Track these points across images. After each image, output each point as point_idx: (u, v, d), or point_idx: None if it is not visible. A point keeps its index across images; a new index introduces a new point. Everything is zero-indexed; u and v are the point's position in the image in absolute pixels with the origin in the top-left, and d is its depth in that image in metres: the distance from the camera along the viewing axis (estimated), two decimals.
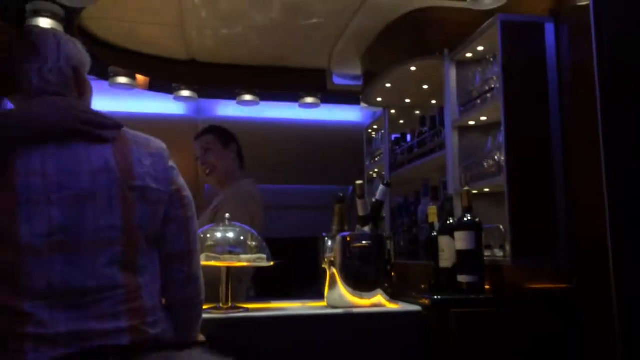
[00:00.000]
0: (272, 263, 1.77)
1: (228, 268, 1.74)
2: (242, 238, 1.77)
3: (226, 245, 1.73)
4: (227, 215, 1.80)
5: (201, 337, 1.38)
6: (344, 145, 3.70)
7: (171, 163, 1.23)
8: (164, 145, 1.25)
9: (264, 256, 1.76)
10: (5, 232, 0.97)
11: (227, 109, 3.77)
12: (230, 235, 1.76)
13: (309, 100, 3.39)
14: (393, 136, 3.11)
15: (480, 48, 2.28)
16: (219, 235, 1.74)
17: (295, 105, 3.49)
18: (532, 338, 1.77)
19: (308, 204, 3.77)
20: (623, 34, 1.97)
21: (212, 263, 1.67)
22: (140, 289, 1.10)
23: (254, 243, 1.77)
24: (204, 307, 1.33)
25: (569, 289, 1.82)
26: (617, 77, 1.85)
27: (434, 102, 2.96)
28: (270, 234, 3.65)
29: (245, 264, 1.73)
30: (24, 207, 0.98)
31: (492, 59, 2.22)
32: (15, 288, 0.96)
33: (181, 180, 1.25)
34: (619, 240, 1.64)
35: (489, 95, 2.15)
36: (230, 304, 1.71)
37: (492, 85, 2.13)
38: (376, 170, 3.38)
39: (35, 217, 0.98)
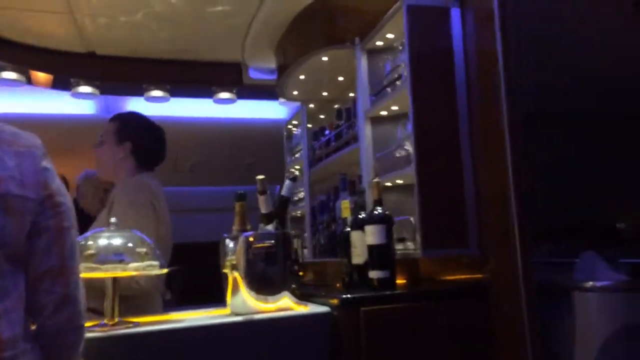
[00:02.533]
0: (165, 270, 1.61)
1: (114, 279, 1.56)
2: (130, 244, 1.59)
3: (110, 253, 1.55)
4: (113, 219, 1.62)
5: None
6: (263, 143, 3.56)
7: (45, 163, 1.04)
8: (37, 142, 1.06)
9: (156, 263, 1.59)
10: None
11: (138, 106, 3.52)
12: (116, 241, 1.58)
13: (224, 95, 3.23)
14: (313, 131, 3.01)
15: (390, 36, 2.21)
16: (102, 242, 1.56)
17: (210, 101, 3.31)
18: (446, 331, 1.70)
19: (231, 205, 3.61)
20: (526, 20, 1.96)
21: (92, 275, 1.48)
22: None
23: (144, 249, 1.60)
24: (87, 324, 1.15)
25: (483, 279, 1.78)
26: (521, 64, 1.83)
27: (351, 94, 2.88)
28: (191, 239, 3.48)
29: (133, 272, 1.55)
30: None
31: (401, 47, 2.16)
32: None
33: (57, 184, 1.06)
34: (525, 228, 1.61)
35: (398, 83, 2.09)
36: (116, 320, 1.53)
37: (401, 73, 2.06)
38: (297, 166, 3.26)
39: None
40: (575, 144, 4.44)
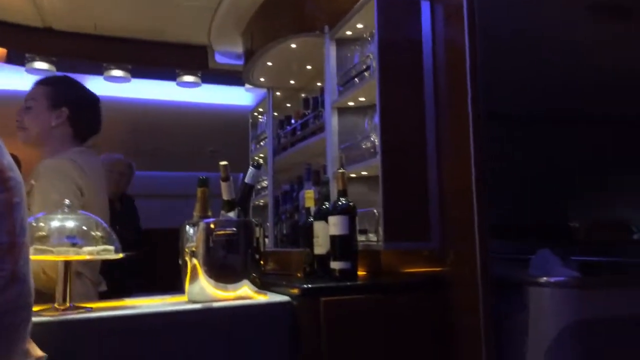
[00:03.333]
0: (120, 255, 1.55)
1: (66, 262, 1.49)
2: (84, 227, 1.53)
3: (64, 235, 1.48)
4: (67, 201, 1.55)
5: (37, 351, 1.14)
6: (228, 129, 3.50)
7: None
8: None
9: (111, 248, 1.53)
10: None
11: (97, 86, 3.39)
12: (70, 224, 1.51)
13: (189, 78, 3.15)
14: (279, 119, 2.97)
15: (360, 25, 2.20)
16: (54, 224, 1.49)
17: (174, 84, 3.22)
18: (405, 322, 1.72)
19: (192, 192, 3.53)
20: (494, 16, 1.98)
21: (44, 257, 1.42)
22: None
23: (99, 233, 1.54)
24: (35, 309, 1.10)
25: (443, 272, 1.80)
26: (487, 60, 1.85)
27: (318, 84, 2.86)
28: (150, 225, 3.38)
29: (87, 257, 1.49)
30: None
31: (370, 38, 2.15)
32: None
33: (7, 160, 1.00)
34: (484, 223, 1.63)
35: (366, 74, 2.08)
36: (68, 304, 1.47)
37: (369, 64, 2.05)
38: (261, 155, 3.22)
39: None
40: (533, 143, 4.57)
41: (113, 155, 3.08)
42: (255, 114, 3.36)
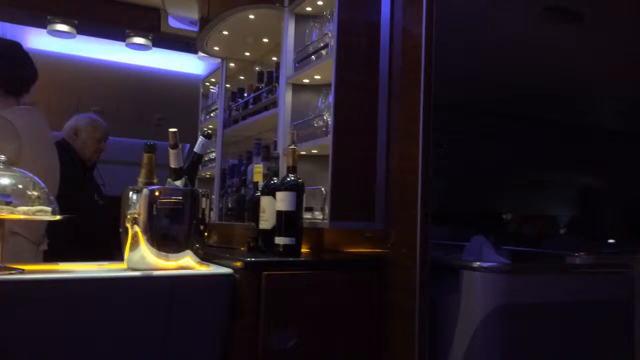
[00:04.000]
0: (58, 217, 1.49)
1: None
2: (20, 186, 1.46)
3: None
4: (2, 157, 1.47)
5: None
6: (177, 97, 3.40)
7: None
8: None
9: (48, 209, 1.47)
10: None
11: (40, 41, 3.20)
12: (4, 181, 1.44)
13: (139, 40, 3.02)
14: (231, 91, 2.91)
15: (320, 2, 2.18)
16: None
17: (123, 44, 3.08)
18: (344, 300, 1.76)
19: (134, 159, 3.41)
20: (452, 7, 2.02)
21: None
22: None
23: (35, 193, 1.47)
24: None
25: (383, 253, 1.85)
26: (442, 50, 1.89)
27: (274, 58, 2.82)
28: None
29: (21, 216, 1.43)
30: None
31: (329, 16, 2.14)
32: None
33: None
34: (427, 207, 1.69)
35: (323, 52, 2.07)
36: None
37: (327, 42, 2.05)
38: (210, 126, 3.16)
39: None
40: (474, 136, 4.74)
41: (91, 116, 2.87)
42: (207, 83, 3.28)
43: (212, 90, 3.22)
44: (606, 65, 3.82)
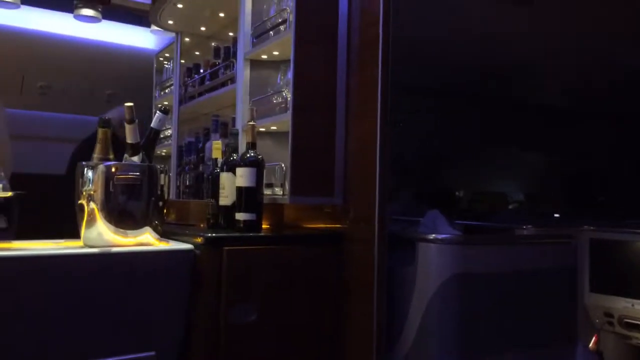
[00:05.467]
0: (9, 194, 1.44)
1: None
2: None
3: None
4: None
5: None
6: (130, 73, 3.29)
7: None
8: None
9: (3, 185, 1.42)
10: None
11: None
12: None
13: (88, 12, 2.89)
14: (186, 67, 2.85)
15: None
16: None
17: (71, 16, 2.94)
18: (303, 274, 1.79)
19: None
20: None
21: None
22: None
23: None
24: None
25: (342, 228, 1.89)
26: (400, 32, 1.92)
27: (231, 34, 2.78)
28: (39, 169, 3.12)
29: None
30: None
31: None
32: None
33: None
34: (384, 181, 1.73)
35: (281, 28, 2.06)
36: None
37: (286, 17, 2.03)
38: (165, 102, 3.09)
39: None
40: (429, 116, 4.85)
41: None
42: (161, 59, 3.20)
43: (167, 66, 3.14)
44: (550, 47, 3.97)
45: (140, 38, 3.45)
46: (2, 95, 2.05)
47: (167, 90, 3.05)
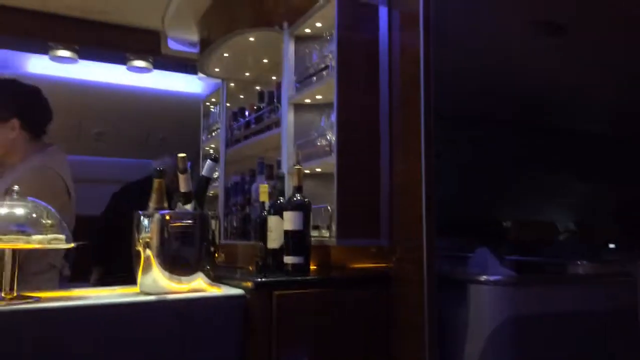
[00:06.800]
0: (72, 245, 1.52)
1: (14, 251, 1.44)
2: (34, 215, 1.49)
3: (12, 223, 1.44)
4: (16, 187, 1.50)
5: None
6: (179, 118, 3.43)
7: None
8: None
9: (62, 236, 1.50)
10: None
11: (40, 66, 3.24)
12: (19, 211, 1.47)
13: (139, 63, 3.06)
14: (232, 111, 2.96)
15: (319, 24, 2.23)
16: (2, 211, 1.44)
17: (124, 68, 3.13)
18: (353, 316, 1.79)
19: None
20: (448, 24, 2.07)
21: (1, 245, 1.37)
22: None
23: (49, 221, 1.50)
24: None
25: (389, 268, 1.88)
26: (440, 66, 1.94)
27: (274, 77, 2.87)
28: (90, 211, 3.28)
29: (36, 245, 1.45)
30: None
31: (329, 37, 2.19)
32: None
33: None
34: (432, 221, 1.73)
35: (324, 73, 2.12)
36: (15, 294, 1.43)
37: (328, 64, 2.09)
38: (212, 145, 3.20)
39: None
40: (469, 145, 4.79)
41: None
42: (208, 103, 3.32)
43: (213, 110, 3.26)
44: (592, 74, 3.91)
45: (188, 84, 3.61)
46: (61, 142, 2.16)
47: (214, 134, 3.16)
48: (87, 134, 3.21)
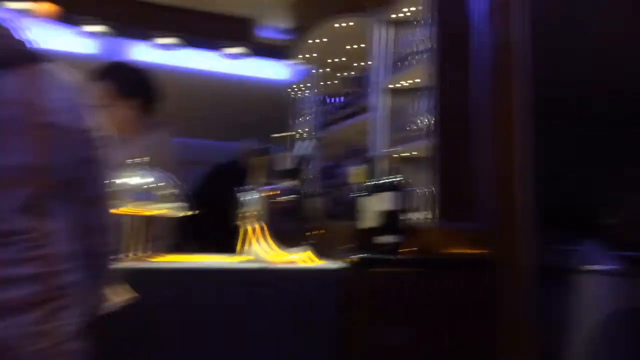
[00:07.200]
0: (196, 212, 1.66)
1: (147, 216, 1.60)
2: (160, 185, 1.64)
3: (142, 192, 1.59)
4: (147, 159, 1.65)
5: (129, 291, 1.26)
6: (268, 103, 3.56)
7: (85, 99, 1.08)
8: (79, 78, 1.08)
9: (185, 205, 1.64)
10: None
11: (143, 52, 3.46)
12: (147, 181, 1.61)
13: (233, 50, 3.20)
14: (321, 96, 3.03)
15: (412, 9, 2.24)
16: (136, 181, 1.59)
17: (217, 55, 3.28)
18: (449, 300, 1.78)
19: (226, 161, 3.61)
20: (546, 8, 2.02)
21: (128, 211, 1.52)
22: (50, 235, 0.97)
23: (172, 191, 1.64)
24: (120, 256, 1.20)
25: (489, 254, 1.86)
26: (535, 52, 1.90)
27: (364, 63, 2.91)
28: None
29: (164, 212, 1.60)
30: None
31: (422, 21, 2.19)
32: None
33: (95, 120, 1.10)
34: (534, 207, 1.70)
35: (417, 57, 2.13)
36: (145, 254, 1.58)
37: (420, 48, 2.10)
38: (299, 130, 3.29)
39: None
40: (580, 137, 4.56)
41: None
42: (296, 89, 3.41)
43: (302, 96, 3.34)
44: None
45: (279, 70, 3.73)
46: (168, 126, 2.34)
47: (302, 119, 3.25)
48: (181, 117, 3.40)
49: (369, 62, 2.49)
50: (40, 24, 3.06)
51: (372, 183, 2.01)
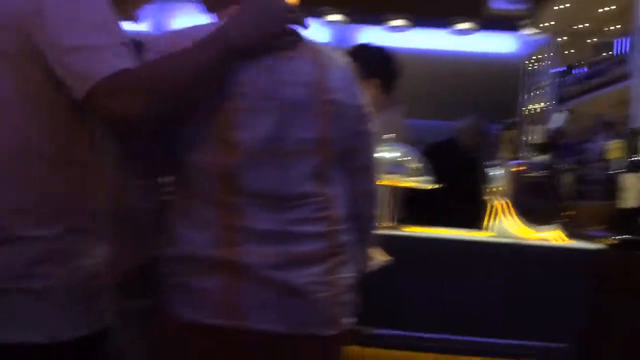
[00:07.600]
0: (438, 185, 1.72)
1: (393, 187, 1.71)
2: (406, 159, 1.73)
3: (390, 165, 1.70)
4: (391, 135, 1.76)
5: (384, 254, 1.40)
6: (496, 79, 3.42)
7: (355, 78, 1.21)
8: (347, 59, 1.22)
9: (430, 178, 1.71)
10: (225, 136, 1.02)
11: (374, 36, 3.64)
12: (396, 155, 1.72)
13: (463, 26, 3.15)
14: (560, 68, 2.80)
15: None
16: (385, 155, 1.71)
17: (446, 32, 3.27)
18: None
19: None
20: None
21: (383, 182, 1.64)
22: (333, 199, 1.11)
23: (417, 165, 1.72)
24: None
25: None
26: None
27: (612, 27, 2.59)
28: None
29: (413, 184, 1.69)
30: (242, 115, 1.02)
31: None
32: (232, 186, 1.02)
33: (365, 96, 1.22)
34: None
35: None
36: (394, 223, 1.70)
37: None
38: (531, 106, 3.10)
39: (251, 124, 1.02)
40: None
41: None
42: (528, 62, 3.22)
43: (536, 68, 3.14)
44: None
45: (508, 43, 3.56)
46: (401, 106, 2.42)
47: (535, 93, 3.05)
48: (412, 98, 3.49)
49: (624, 25, 2.21)
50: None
51: (635, 158, 1.80)
